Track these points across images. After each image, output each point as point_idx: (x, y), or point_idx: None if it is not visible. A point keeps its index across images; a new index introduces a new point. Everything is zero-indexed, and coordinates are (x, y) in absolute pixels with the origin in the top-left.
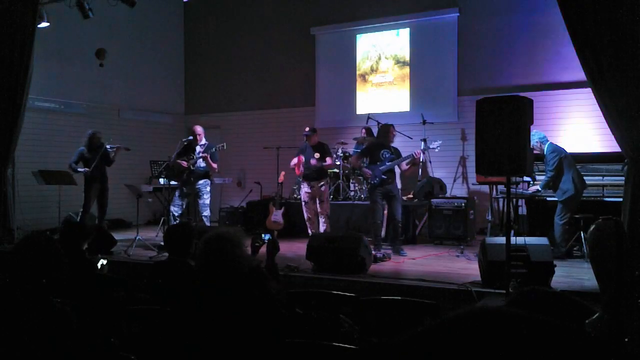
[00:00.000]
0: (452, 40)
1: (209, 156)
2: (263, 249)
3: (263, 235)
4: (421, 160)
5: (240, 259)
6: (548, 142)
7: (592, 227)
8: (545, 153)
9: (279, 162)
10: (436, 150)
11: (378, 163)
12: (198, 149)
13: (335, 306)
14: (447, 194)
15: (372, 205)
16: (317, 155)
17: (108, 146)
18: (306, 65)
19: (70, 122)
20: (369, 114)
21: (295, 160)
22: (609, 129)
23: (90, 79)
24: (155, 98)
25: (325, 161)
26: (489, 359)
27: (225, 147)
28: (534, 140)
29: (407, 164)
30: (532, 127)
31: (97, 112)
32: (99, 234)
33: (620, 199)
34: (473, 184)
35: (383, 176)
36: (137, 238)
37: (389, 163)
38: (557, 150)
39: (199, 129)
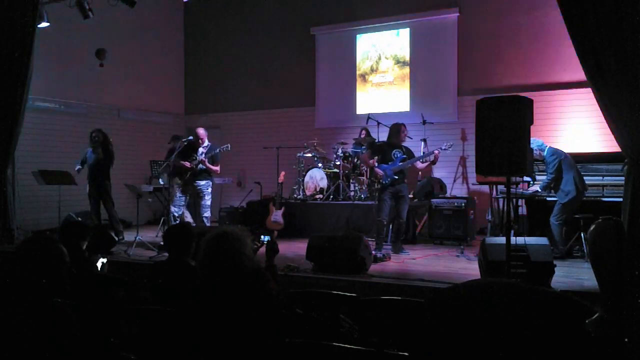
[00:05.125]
0: (452, 40)
1: (211, 158)
2: (262, 251)
3: (262, 237)
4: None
5: (246, 258)
6: (547, 147)
7: (592, 227)
8: (545, 157)
9: (279, 162)
10: (448, 150)
11: (390, 163)
12: (201, 150)
13: (335, 306)
14: (447, 194)
15: (380, 204)
16: None
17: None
18: (306, 65)
19: (70, 122)
20: (369, 114)
21: None
22: (609, 129)
23: (90, 79)
24: (155, 98)
25: None
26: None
27: (229, 149)
28: (534, 148)
29: (422, 162)
30: (530, 131)
31: (97, 112)
32: (99, 234)
33: (620, 199)
34: (473, 184)
35: (395, 176)
36: (137, 238)
37: (402, 163)
38: (556, 153)
39: (201, 132)
